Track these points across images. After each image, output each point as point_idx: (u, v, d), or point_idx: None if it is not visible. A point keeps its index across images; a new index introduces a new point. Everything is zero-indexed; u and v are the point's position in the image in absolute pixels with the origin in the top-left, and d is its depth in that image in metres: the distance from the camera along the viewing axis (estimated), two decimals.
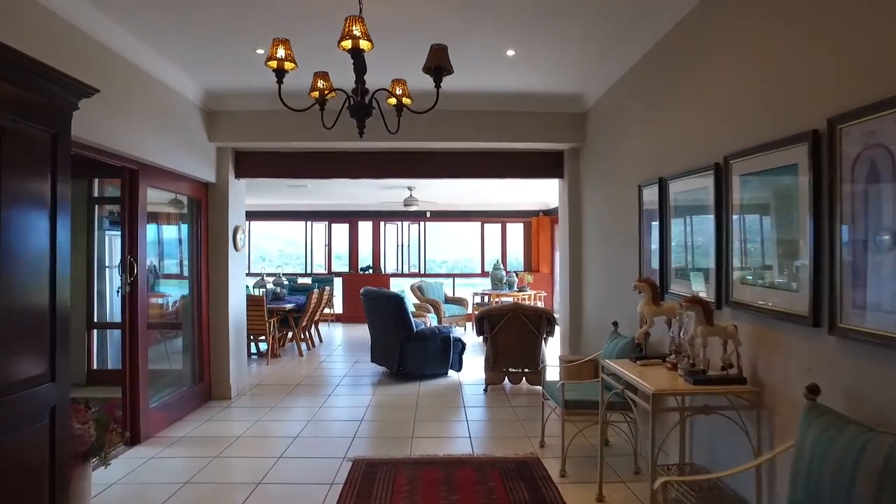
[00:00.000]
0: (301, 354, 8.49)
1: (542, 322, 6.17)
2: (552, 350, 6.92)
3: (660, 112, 4.05)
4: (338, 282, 12.37)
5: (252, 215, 12.34)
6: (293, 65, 2.92)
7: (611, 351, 4.16)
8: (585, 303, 6.01)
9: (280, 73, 2.90)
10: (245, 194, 6.64)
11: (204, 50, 4.58)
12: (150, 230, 5.68)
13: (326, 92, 3.21)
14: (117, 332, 6.51)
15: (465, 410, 5.59)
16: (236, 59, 4.73)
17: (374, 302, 7.08)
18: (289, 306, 8.40)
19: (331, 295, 9.81)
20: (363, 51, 2.81)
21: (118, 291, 4.67)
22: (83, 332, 6.48)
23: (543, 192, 10.78)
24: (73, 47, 3.75)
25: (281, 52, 2.86)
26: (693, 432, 3.47)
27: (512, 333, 6.18)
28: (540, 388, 6.18)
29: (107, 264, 6.74)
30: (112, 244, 6.77)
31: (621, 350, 3.97)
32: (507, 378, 6.30)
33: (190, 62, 4.86)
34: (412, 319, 6.80)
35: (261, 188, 10.03)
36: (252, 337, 8.16)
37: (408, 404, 5.81)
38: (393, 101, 3.43)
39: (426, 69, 2.90)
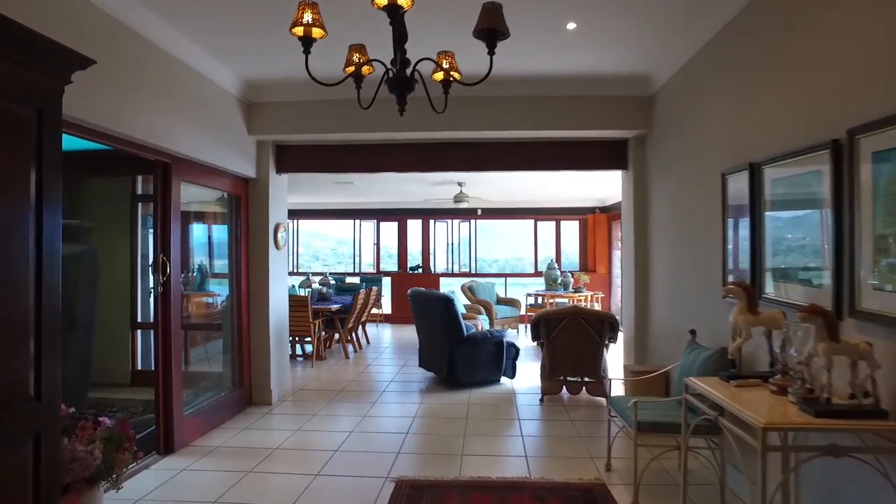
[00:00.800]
0: (347, 357, 8.15)
1: (604, 327, 5.58)
2: (614, 358, 6.32)
3: (749, 87, 3.42)
4: (386, 281, 12.03)
5: (300, 213, 12.17)
6: (322, 32, 2.48)
7: (689, 364, 3.57)
8: (652, 307, 5.38)
9: (307, 41, 2.47)
10: (287, 191, 6.32)
11: (240, 36, 4.23)
12: (194, 228, 5.44)
13: (362, 61, 2.74)
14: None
15: (520, 424, 5.07)
16: (274, 45, 4.36)
17: (421, 304, 6.64)
18: (335, 307, 8.07)
19: (378, 295, 9.46)
20: (402, 8, 2.33)
21: (150, 292, 4.41)
22: (127, 332, 6.30)
23: (600, 188, 10.12)
24: (95, 30, 3.45)
25: (307, 17, 2.42)
26: (805, 475, 2.84)
27: (571, 339, 5.62)
28: (602, 399, 5.60)
29: (150, 263, 6.55)
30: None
31: (703, 364, 3.38)
32: (564, 387, 5.74)
33: (226, 49, 4.53)
34: (462, 322, 6.32)
35: (307, 186, 9.77)
36: (296, 339, 7.87)
37: (457, 415, 5.33)
38: (439, 75, 2.95)
39: (478, 32, 2.41)
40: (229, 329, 5.63)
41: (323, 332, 8.23)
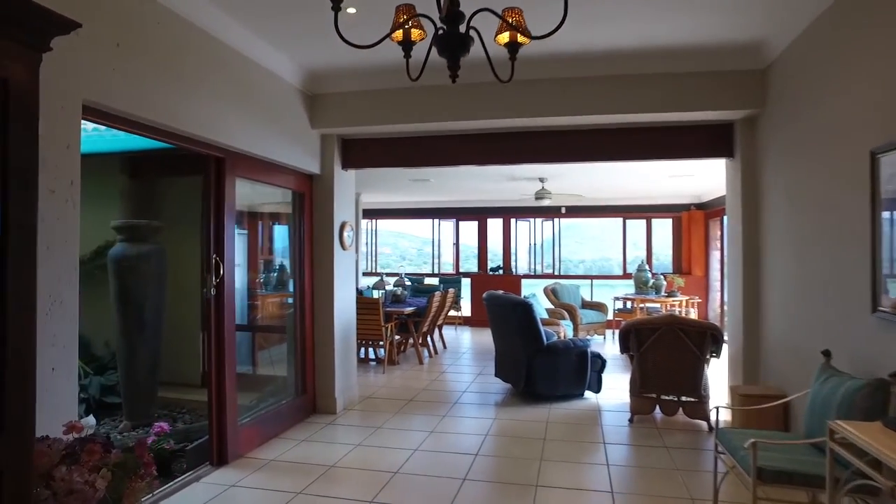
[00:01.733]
0: (421, 362, 7.69)
1: (705, 340, 4.75)
2: (716, 374, 5.44)
3: None
4: (466, 283, 11.53)
5: (379, 213, 11.91)
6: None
7: (826, 396, 2.76)
8: (765, 318, 4.49)
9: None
10: (355, 188, 5.93)
11: (296, 18, 3.84)
12: (264, 228, 5.17)
13: (409, 21, 2.20)
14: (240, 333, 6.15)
15: (606, 449, 4.37)
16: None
17: (497, 309, 6.05)
18: (408, 310, 7.65)
19: (455, 297, 8.97)
20: None
21: (204, 294, 4.12)
22: (197, 333, 6.16)
23: (697, 182, 9.08)
24: (135, 14, 3.14)
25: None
26: None
27: (666, 352, 4.84)
28: (702, 423, 4.78)
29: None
30: (247, 243, 6.38)
31: (849, 399, 2.56)
32: (658, 407, 4.95)
33: (281, 33, 4.16)
34: (542, 329, 5.67)
35: (384, 185, 9.44)
36: (368, 343, 7.51)
37: (534, 435, 4.70)
38: (504, 37, 2.37)
39: None
40: (293, 333, 5.31)
41: (397, 337, 7.84)
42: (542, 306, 8.20)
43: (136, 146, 5.08)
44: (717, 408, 3.38)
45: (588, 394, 5.83)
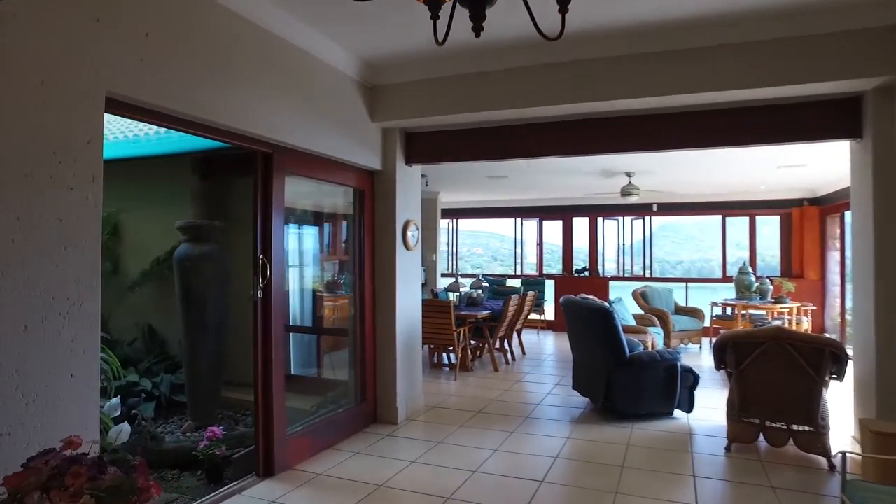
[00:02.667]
0: (496, 370, 7.18)
1: (823, 359, 3.90)
2: (837, 399, 4.54)
3: None
4: (549, 285, 10.86)
5: (460, 213, 11.53)
6: None
7: None
8: None
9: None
10: (419, 184, 5.53)
11: (354, 9, 3.47)
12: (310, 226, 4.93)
13: None
14: (301, 336, 5.97)
15: (696, 484, 3.66)
16: (394, 12, 3.55)
17: (574, 315, 5.44)
18: (483, 314, 7.17)
19: (535, 300, 8.38)
20: None
21: (251, 296, 3.88)
22: None
23: (811, 174, 7.91)
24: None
25: None
26: None
27: (772, 371, 4.04)
28: (820, 459, 3.95)
29: (291, 263, 6.22)
30: (301, 242, 6.21)
31: None
32: (762, 435, 4.15)
33: (338, 25, 3.85)
34: (624, 339, 5.00)
35: (461, 182, 9.03)
36: (441, 348, 7.11)
37: (611, 460, 4.07)
38: None
39: None
40: (353, 337, 5.01)
41: (472, 342, 7.39)
42: (628, 312, 7.44)
43: (206, 146, 4.99)
44: (844, 454, 2.61)
45: (678, 413, 5.07)
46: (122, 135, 5.72)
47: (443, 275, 10.71)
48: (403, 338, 5.10)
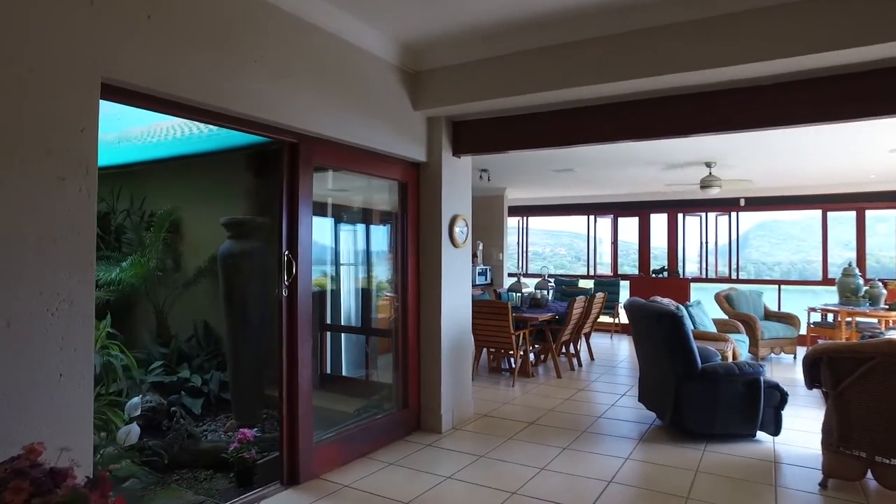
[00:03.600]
0: (559, 376, 6.63)
1: None
2: None
3: None
4: (625, 285, 10.10)
5: (530, 210, 11.01)
6: None
7: None
8: None
9: None
10: (469, 177, 5.11)
11: None
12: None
13: None
14: (351, 336, 5.75)
15: None
16: None
17: (639, 320, 4.83)
18: (544, 316, 6.64)
19: (605, 302, 7.72)
20: None
21: (276, 295, 3.64)
22: (315, 334, 5.86)
23: None
24: None
25: None
26: None
27: (883, 394, 3.29)
28: None
29: (342, 261, 6.01)
30: (353, 240, 5.98)
31: None
32: (870, 471, 3.39)
33: (372, 5, 3.54)
34: (695, 348, 4.34)
35: (526, 178, 8.52)
36: (501, 352, 6.65)
37: (674, 488, 3.47)
38: None
39: None
40: (395, 339, 4.69)
41: (535, 346, 6.89)
42: (707, 316, 6.65)
43: (257, 141, 4.86)
44: None
45: (761, 435, 4.34)
46: (181, 131, 5.75)
47: (509, 274, 10.23)
48: (450, 341, 4.72)
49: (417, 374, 4.68)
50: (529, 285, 7.74)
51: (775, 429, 4.26)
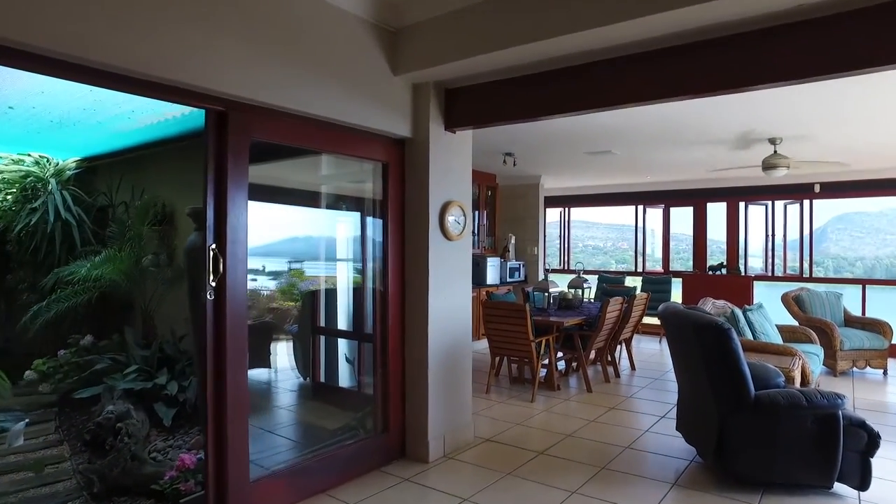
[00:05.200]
0: (590, 389, 5.64)
1: None
2: None
3: None
4: (677, 283, 8.90)
5: (570, 200, 9.98)
6: None
7: None
8: None
9: None
10: (469, 156, 4.24)
11: None
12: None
13: None
14: (345, 341, 5.03)
15: None
16: None
17: (675, 331, 3.81)
18: (572, 320, 5.66)
19: (647, 303, 6.63)
20: None
21: (202, 296, 2.94)
22: (308, 337, 5.17)
23: None
24: None
25: None
26: None
27: None
28: None
29: (338, 256, 5.28)
30: (332, 231, 5.19)
31: None
32: None
33: None
34: (746, 370, 3.31)
35: (559, 162, 7.51)
36: (521, 361, 5.73)
37: None
38: None
39: None
40: (373, 349, 3.90)
41: (564, 354, 5.94)
42: (770, 323, 5.49)
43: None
44: None
45: (841, 488, 3.26)
46: (164, 118, 5.19)
47: (548, 270, 9.22)
48: (441, 351, 3.89)
49: (401, 392, 3.88)
50: (560, 284, 6.75)
51: (861, 481, 3.16)
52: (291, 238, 5.15)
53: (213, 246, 2.85)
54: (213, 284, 2.86)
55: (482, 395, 5.44)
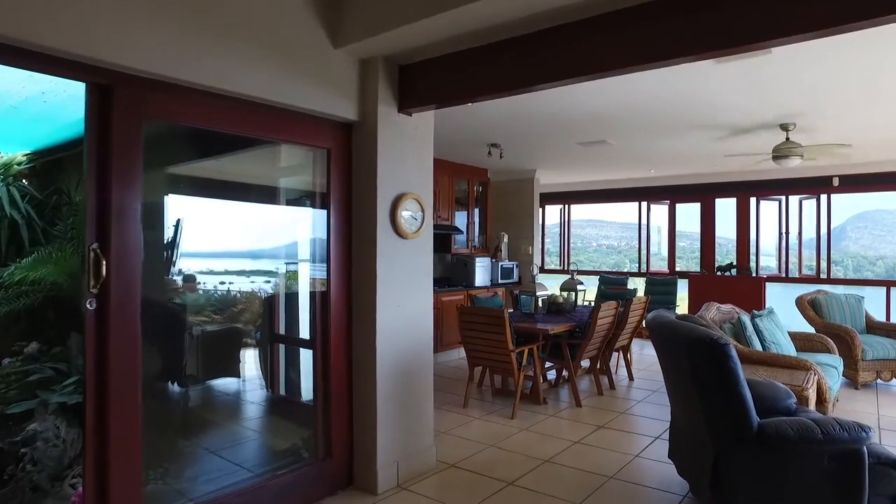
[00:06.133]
0: (579, 404, 5.07)
1: None
2: None
3: None
4: (683, 285, 8.27)
5: (568, 196, 9.40)
6: None
7: None
8: None
9: None
10: (429, 143, 3.69)
11: None
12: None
13: None
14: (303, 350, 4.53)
15: None
16: None
17: (665, 345, 3.22)
18: (559, 327, 5.08)
19: (646, 306, 6.03)
20: None
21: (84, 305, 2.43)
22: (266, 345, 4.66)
23: None
24: None
25: None
26: None
27: None
28: None
29: (299, 258, 4.76)
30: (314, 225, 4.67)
31: None
32: None
33: None
34: (747, 395, 2.71)
35: (551, 154, 6.93)
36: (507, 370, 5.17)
37: None
38: None
39: None
40: (313, 363, 3.38)
41: (553, 364, 5.37)
42: (782, 331, 4.87)
43: None
44: None
45: None
46: None
47: (533, 274, 8.61)
48: (394, 366, 3.36)
49: (348, 413, 3.35)
50: (546, 286, 6.18)
51: None
52: (249, 237, 4.67)
53: (95, 245, 2.34)
54: (95, 291, 2.35)
55: (458, 409, 4.90)
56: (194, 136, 3.31)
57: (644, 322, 3.51)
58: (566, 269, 9.56)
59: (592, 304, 7.56)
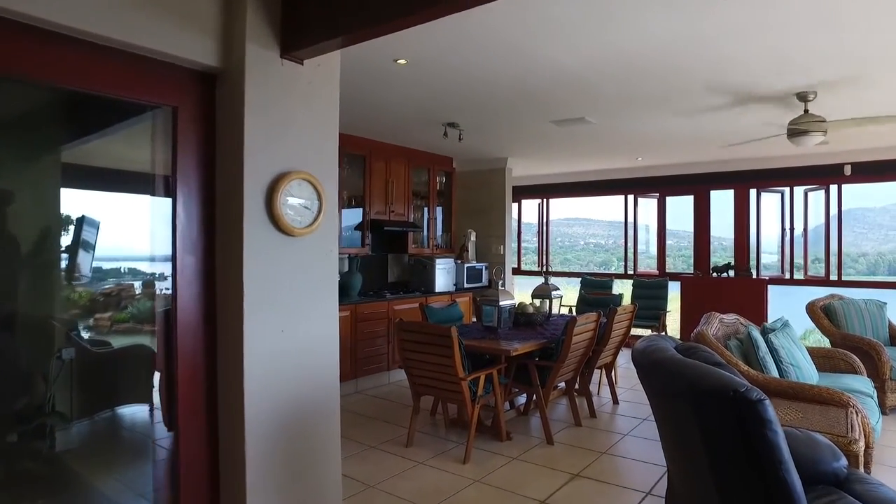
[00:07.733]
0: (550, 441, 4.07)
1: None
2: None
3: None
4: (674, 287, 7.33)
5: (548, 189, 8.43)
6: None
7: None
8: None
9: None
10: (332, 106, 2.66)
11: None
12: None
13: None
14: None
15: None
16: None
17: (660, 392, 2.22)
18: (525, 346, 4.08)
19: (633, 316, 5.06)
20: None
21: None
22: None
23: None
24: None
25: None
26: None
27: None
28: None
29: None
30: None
31: None
32: None
33: None
34: (795, 479, 1.73)
35: (524, 138, 5.94)
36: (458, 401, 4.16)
37: None
38: None
39: None
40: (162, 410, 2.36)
41: (516, 390, 4.38)
42: (800, 347, 3.91)
43: None
44: None
45: None
46: None
47: (513, 271, 7.63)
48: (278, 411, 2.33)
49: (208, 475, 2.33)
50: (510, 294, 5.17)
51: None
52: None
53: None
54: None
55: (400, 450, 3.90)
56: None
57: (632, 354, 2.49)
58: (545, 270, 8.57)
59: (573, 311, 6.61)
